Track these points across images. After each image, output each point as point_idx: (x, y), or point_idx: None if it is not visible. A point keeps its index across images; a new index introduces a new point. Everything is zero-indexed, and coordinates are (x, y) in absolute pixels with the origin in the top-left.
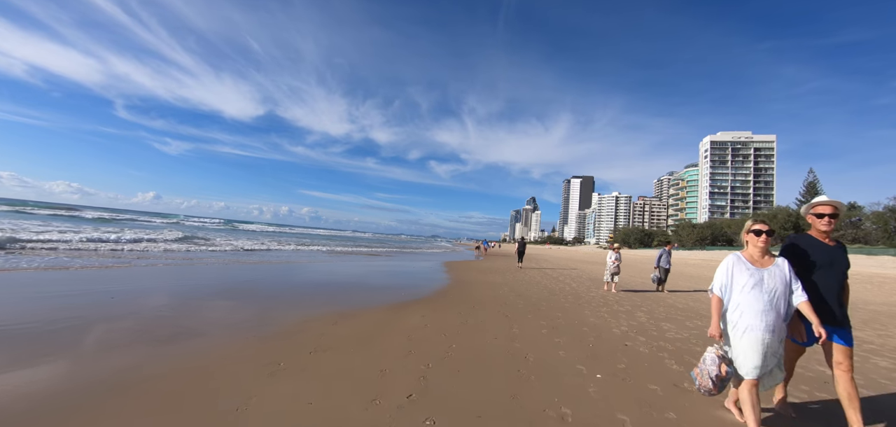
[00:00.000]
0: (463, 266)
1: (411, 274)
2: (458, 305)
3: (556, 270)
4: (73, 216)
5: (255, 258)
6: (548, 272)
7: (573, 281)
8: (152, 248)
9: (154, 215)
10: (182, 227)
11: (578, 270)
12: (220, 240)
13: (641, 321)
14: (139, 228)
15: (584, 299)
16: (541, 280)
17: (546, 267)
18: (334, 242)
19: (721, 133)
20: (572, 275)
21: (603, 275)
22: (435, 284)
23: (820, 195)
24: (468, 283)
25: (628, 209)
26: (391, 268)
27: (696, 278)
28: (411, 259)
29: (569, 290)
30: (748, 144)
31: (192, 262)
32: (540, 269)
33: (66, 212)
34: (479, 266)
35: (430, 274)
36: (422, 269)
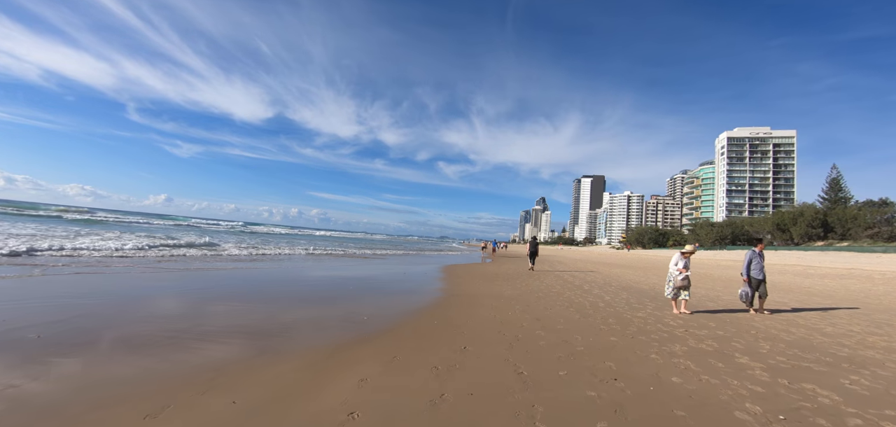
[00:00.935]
0: (465, 271)
1: (395, 283)
2: (439, 345)
3: (574, 274)
4: (102, 221)
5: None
6: (566, 278)
7: (604, 291)
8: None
9: (166, 217)
10: (200, 230)
11: (601, 274)
12: (232, 246)
13: (761, 379)
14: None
15: (635, 327)
16: (562, 291)
17: (562, 270)
18: (335, 245)
19: (738, 129)
20: (597, 281)
21: (645, 283)
22: (419, 300)
23: (843, 191)
24: (466, 299)
25: (641, 208)
26: (377, 274)
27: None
28: (408, 262)
29: (607, 308)
30: (767, 140)
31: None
32: (555, 272)
33: (80, 215)
34: (484, 271)
35: (419, 283)
36: (413, 276)
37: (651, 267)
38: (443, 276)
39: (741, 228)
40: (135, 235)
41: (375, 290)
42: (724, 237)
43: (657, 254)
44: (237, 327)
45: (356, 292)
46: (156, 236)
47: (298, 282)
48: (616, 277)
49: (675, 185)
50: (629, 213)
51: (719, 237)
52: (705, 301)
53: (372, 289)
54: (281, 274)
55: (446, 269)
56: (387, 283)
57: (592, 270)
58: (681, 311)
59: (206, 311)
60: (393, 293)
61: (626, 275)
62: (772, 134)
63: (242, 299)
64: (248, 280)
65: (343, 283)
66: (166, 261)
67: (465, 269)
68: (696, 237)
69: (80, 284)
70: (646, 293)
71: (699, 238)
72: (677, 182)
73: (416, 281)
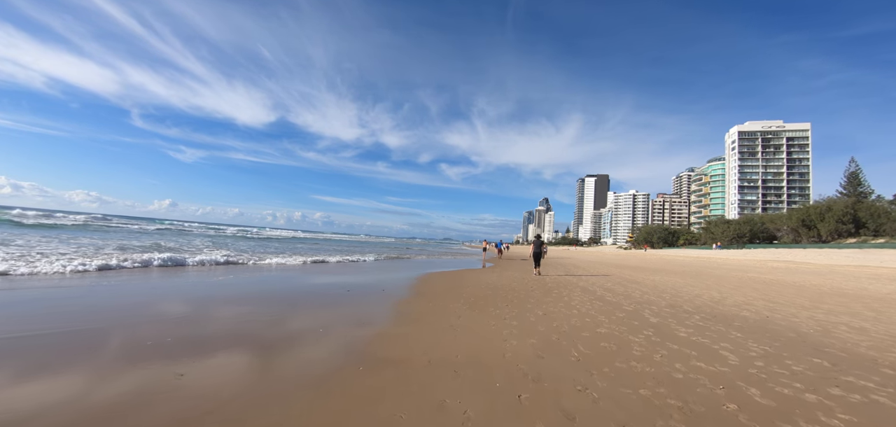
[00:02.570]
0: (450, 284)
1: (307, 311)
2: None
3: (599, 281)
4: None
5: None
6: (596, 290)
7: (684, 320)
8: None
9: (180, 222)
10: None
11: (634, 282)
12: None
13: None
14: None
15: None
16: (613, 327)
17: (579, 274)
18: (312, 248)
19: (750, 122)
20: (645, 295)
21: (729, 301)
22: (304, 369)
23: (862, 185)
24: (409, 370)
25: (647, 207)
26: (315, 290)
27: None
28: (385, 270)
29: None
30: (780, 134)
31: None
32: (573, 279)
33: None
34: (478, 282)
35: (358, 312)
36: (362, 294)
37: (688, 270)
38: (408, 297)
39: (760, 225)
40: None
41: (242, 336)
42: (741, 235)
43: (677, 254)
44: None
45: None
46: (108, 242)
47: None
48: (663, 288)
49: (681, 183)
50: (635, 213)
51: (737, 235)
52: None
53: (244, 334)
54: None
55: (426, 281)
56: (301, 308)
57: (607, 274)
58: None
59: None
60: (264, 345)
61: (669, 283)
62: (785, 127)
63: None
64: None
65: (258, 321)
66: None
67: (452, 279)
68: (711, 236)
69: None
70: (777, 330)
71: (714, 236)
72: (683, 180)
73: (354, 306)
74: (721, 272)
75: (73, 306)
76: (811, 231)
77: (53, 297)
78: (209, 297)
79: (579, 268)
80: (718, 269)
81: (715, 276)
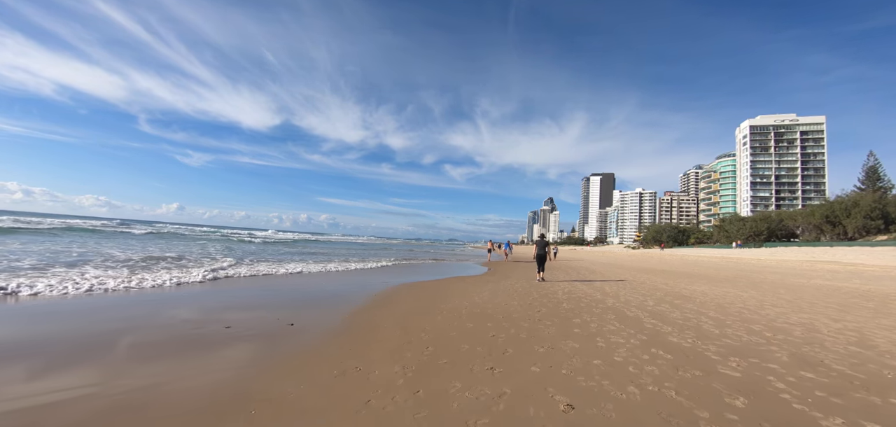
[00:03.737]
0: (419, 302)
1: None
2: None
3: (620, 289)
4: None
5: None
6: (632, 310)
7: (843, 390)
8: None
9: (193, 226)
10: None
11: (673, 293)
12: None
13: None
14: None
15: None
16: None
17: (593, 279)
18: (298, 253)
19: (761, 117)
20: (716, 326)
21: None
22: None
23: (882, 180)
24: None
25: (654, 206)
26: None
27: None
28: (356, 279)
29: None
30: (793, 128)
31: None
32: (585, 283)
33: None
34: (462, 295)
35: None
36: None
37: (720, 274)
38: (318, 344)
39: (778, 222)
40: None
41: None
42: (758, 233)
43: (695, 253)
44: None
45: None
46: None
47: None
48: (725, 304)
49: (688, 181)
50: (642, 211)
51: (754, 232)
52: None
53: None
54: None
55: (387, 300)
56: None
57: (642, 283)
58: None
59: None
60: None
61: (720, 295)
62: (799, 121)
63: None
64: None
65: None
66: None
67: (429, 294)
68: (725, 234)
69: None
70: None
71: (729, 234)
72: (691, 177)
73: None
74: (767, 278)
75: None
76: (836, 228)
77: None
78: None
79: (594, 272)
80: (757, 273)
81: (769, 284)
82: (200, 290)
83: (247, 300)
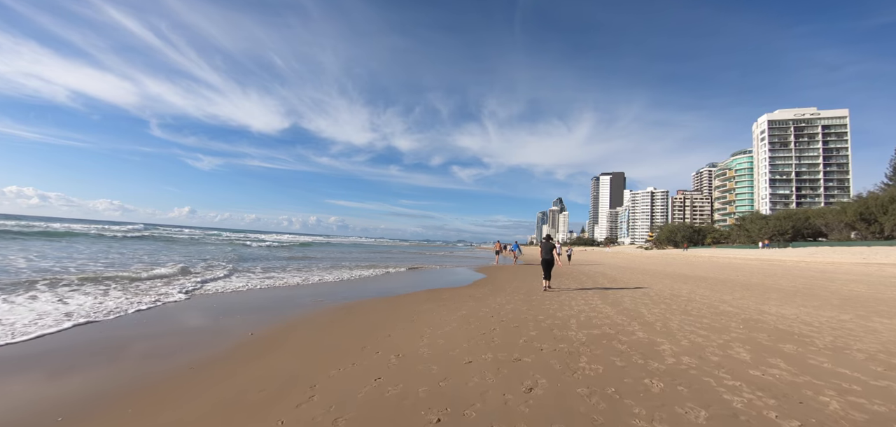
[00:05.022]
0: (354, 331)
1: None
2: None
3: (644, 299)
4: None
5: None
6: (701, 365)
7: None
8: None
9: (211, 230)
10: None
11: (713, 305)
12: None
13: None
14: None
15: None
16: None
17: (615, 287)
18: (289, 258)
19: (780, 111)
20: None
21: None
22: None
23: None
24: None
25: (666, 205)
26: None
27: None
28: (316, 292)
29: None
30: (814, 122)
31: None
32: (607, 291)
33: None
34: (423, 318)
35: None
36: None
37: (774, 281)
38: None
39: (804, 220)
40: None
41: None
42: (782, 231)
43: (721, 255)
44: None
45: None
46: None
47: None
48: (879, 350)
49: (701, 180)
50: (653, 211)
51: (777, 231)
52: None
53: None
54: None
55: (291, 331)
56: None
57: (676, 294)
58: None
59: None
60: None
61: (828, 324)
62: (820, 115)
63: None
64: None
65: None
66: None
67: (372, 319)
68: (746, 233)
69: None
70: None
71: (750, 234)
72: (704, 176)
73: None
74: (852, 289)
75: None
76: (871, 226)
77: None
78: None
79: (612, 279)
80: (824, 280)
81: (866, 300)
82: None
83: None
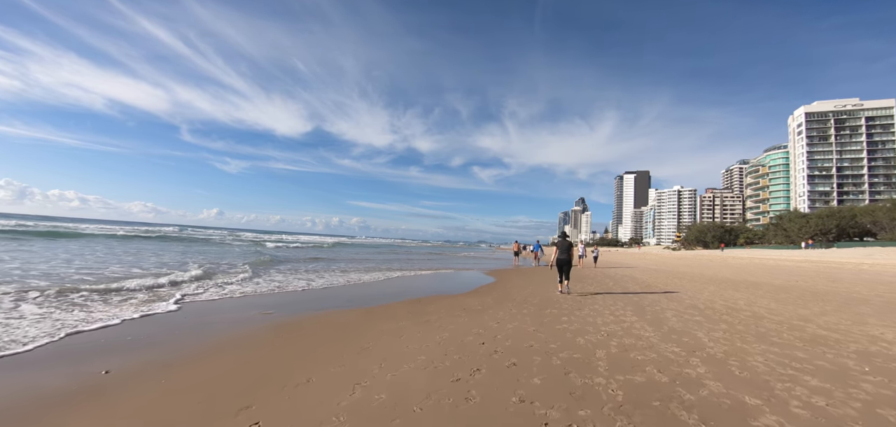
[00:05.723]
0: (263, 368)
1: None
2: None
3: (700, 318)
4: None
5: None
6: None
7: None
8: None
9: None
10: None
11: (808, 330)
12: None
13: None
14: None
15: None
16: None
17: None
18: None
19: (818, 102)
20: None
21: None
22: None
23: None
24: None
25: (693, 204)
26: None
27: None
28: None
29: None
30: (857, 114)
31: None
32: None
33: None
34: (368, 350)
35: None
36: None
37: (846, 288)
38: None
39: (850, 219)
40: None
41: None
42: (826, 230)
43: (771, 255)
44: None
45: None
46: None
47: None
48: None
49: (731, 177)
50: (680, 210)
51: (820, 230)
52: None
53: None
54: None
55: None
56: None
57: (737, 308)
58: None
59: None
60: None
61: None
62: (863, 106)
63: None
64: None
65: None
66: None
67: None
68: (784, 232)
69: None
70: None
71: (788, 233)
72: (735, 173)
73: None
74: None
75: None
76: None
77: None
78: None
79: (646, 283)
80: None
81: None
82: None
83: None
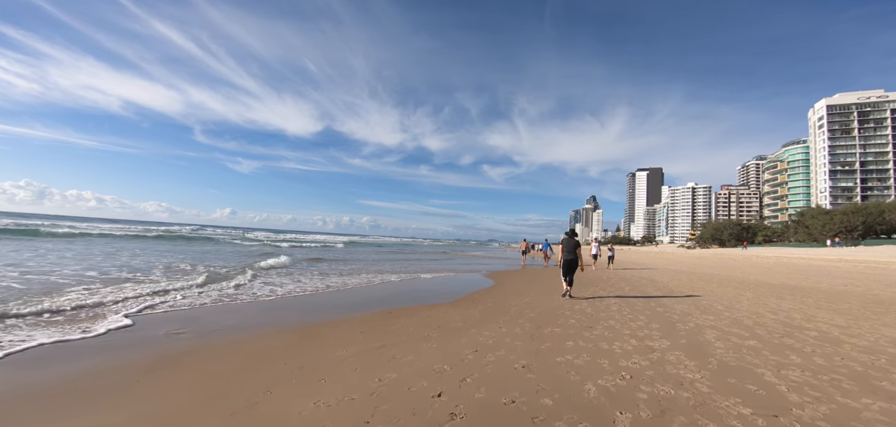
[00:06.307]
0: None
1: None
2: None
3: (765, 348)
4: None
5: None
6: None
7: None
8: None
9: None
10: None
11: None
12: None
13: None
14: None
15: None
16: None
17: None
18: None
19: (840, 95)
20: None
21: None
22: None
23: None
24: None
25: (708, 201)
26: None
27: None
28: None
29: None
30: (882, 106)
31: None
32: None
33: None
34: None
35: None
36: None
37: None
38: None
39: (877, 215)
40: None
41: None
42: (851, 228)
43: (800, 254)
44: None
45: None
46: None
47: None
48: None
49: (747, 174)
50: (695, 208)
51: (845, 227)
52: None
53: None
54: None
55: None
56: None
57: (804, 329)
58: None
59: None
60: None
61: None
62: (888, 97)
63: None
64: None
65: None
66: None
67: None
68: (806, 230)
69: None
70: None
71: (810, 231)
72: (751, 169)
73: None
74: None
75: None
76: None
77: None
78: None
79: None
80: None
81: None
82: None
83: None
